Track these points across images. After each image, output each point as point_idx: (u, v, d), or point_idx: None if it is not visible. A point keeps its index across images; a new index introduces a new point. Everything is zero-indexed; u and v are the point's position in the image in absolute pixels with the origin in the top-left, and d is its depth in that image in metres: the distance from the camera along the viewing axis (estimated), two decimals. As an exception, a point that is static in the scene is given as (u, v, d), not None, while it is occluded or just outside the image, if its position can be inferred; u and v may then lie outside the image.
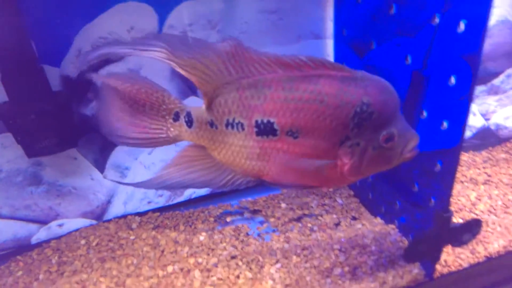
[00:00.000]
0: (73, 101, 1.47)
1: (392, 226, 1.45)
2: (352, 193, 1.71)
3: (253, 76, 0.92)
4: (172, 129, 1.05)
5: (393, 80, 1.23)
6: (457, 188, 1.67)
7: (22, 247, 1.56)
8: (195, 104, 1.04)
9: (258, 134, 0.95)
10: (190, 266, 1.35)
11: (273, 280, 1.26)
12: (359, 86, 0.88)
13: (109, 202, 1.65)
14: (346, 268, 1.28)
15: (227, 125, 0.98)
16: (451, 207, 1.17)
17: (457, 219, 1.50)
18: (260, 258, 1.36)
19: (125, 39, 1.45)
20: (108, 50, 0.97)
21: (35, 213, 1.55)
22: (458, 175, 1.76)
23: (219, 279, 1.29)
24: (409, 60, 1.16)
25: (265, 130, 0.94)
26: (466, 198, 1.61)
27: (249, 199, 1.73)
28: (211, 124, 1.00)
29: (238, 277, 1.29)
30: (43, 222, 1.58)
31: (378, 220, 1.52)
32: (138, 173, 1.64)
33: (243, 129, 0.96)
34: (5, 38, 1.23)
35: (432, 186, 1.18)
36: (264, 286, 1.24)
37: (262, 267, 1.32)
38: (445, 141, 1.09)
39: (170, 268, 1.35)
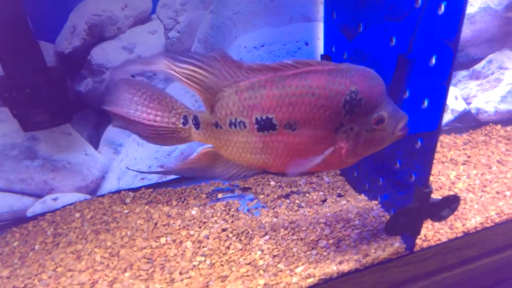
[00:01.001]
0: (68, 77, 1.49)
1: (375, 202, 1.51)
2: (338, 172, 1.76)
3: (248, 79, 0.99)
4: (182, 132, 1.14)
5: (380, 64, 1.28)
6: (437, 168, 1.73)
7: (17, 220, 1.58)
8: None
9: (259, 130, 1.02)
10: (182, 238, 1.40)
11: (262, 250, 1.32)
12: (346, 76, 0.95)
13: (103, 177, 1.67)
14: (331, 241, 1.34)
15: (230, 125, 1.05)
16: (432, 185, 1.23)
17: (437, 197, 1.56)
18: (250, 231, 1.41)
19: (120, 17, 1.47)
20: (126, 67, 1.17)
21: (30, 186, 1.57)
22: (439, 156, 1.82)
23: (210, 249, 1.33)
24: (394, 43, 1.21)
25: (265, 125, 1.01)
26: (446, 177, 1.66)
27: (240, 177, 1.77)
28: (216, 125, 1.07)
29: (228, 248, 1.34)
30: (38, 195, 1.60)
31: (362, 197, 1.57)
32: (131, 150, 1.67)
33: (245, 126, 1.03)
34: (1, 13, 1.25)
35: (413, 166, 1.23)
36: (253, 256, 1.29)
37: (251, 238, 1.38)
38: (426, 124, 1.13)
39: (163, 240, 1.39)
